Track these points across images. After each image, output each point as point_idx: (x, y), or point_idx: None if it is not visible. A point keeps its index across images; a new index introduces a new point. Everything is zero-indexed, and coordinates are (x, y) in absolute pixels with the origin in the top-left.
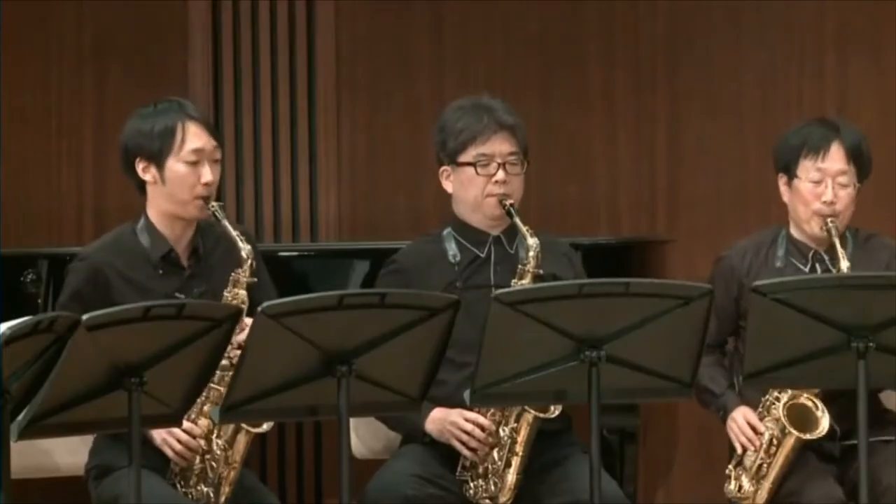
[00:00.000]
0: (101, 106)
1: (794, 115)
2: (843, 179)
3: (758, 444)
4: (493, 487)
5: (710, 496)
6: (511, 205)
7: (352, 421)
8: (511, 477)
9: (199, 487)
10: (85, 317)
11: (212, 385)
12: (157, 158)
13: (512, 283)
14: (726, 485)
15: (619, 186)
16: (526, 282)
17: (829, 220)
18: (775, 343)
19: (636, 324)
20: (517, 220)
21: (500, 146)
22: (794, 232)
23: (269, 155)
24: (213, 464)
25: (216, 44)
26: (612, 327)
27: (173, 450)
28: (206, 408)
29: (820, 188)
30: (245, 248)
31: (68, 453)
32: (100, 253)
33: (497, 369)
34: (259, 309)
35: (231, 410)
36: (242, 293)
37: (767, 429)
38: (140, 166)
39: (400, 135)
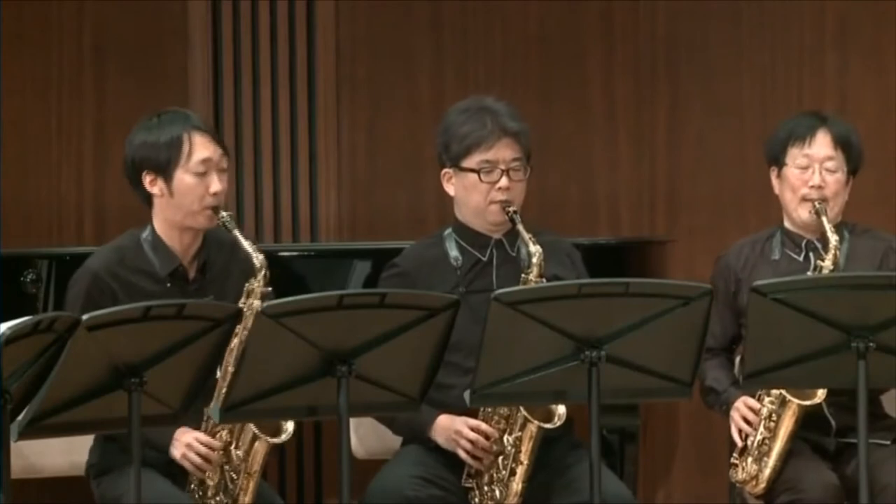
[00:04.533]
0: (101, 106)
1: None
2: (830, 165)
3: (757, 422)
4: (498, 495)
5: (710, 496)
6: (514, 212)
7: (352, 421)
8: (515, 485)
9: (217, 498)
10: (85, 317)
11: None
12: (165, 171)
13: None
14: (731, 472)
15: (619, 186)
16: None
17: (816, 202)
18: (775, 343)
19: (636, 324)
20: (520, 228)
21: (503, 153)
22: (787, 224)
23: (269, 155)
24: (233, 474)
25: (216, 44)
26: (612, 327)
27: (193, 464)
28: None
29: (807, 174)
30: (258, 258)
31: (68, 453)
32: (104, 265)
33: (497, 369)
34: (259, 309)
35: (231, 410)
36: (257, 303)
37: (765, 406)
38: (147, 179)
39: (400, 134)
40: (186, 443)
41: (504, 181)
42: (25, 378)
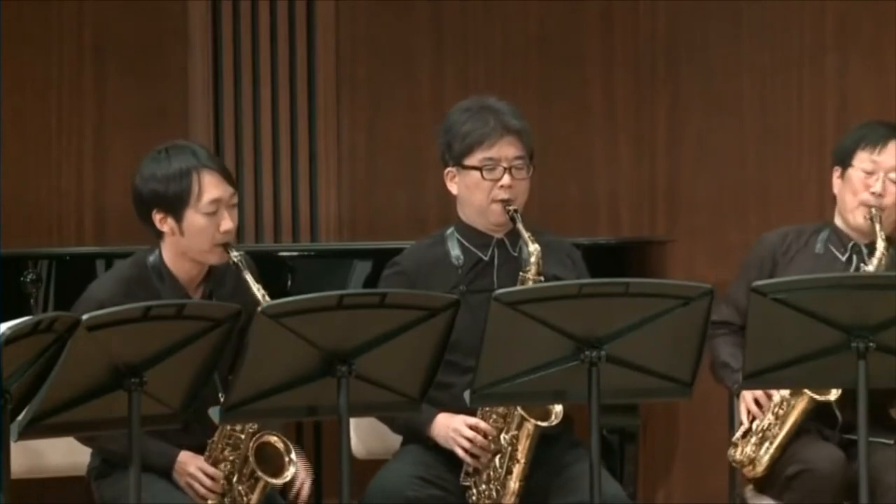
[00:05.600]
0: (101, 106)
1: (794, 115)
2: (895, 176)
3: (767, 406)
4: (495, 494)
5: (710, 496)
6: (515, 210)
7: (352, 421)
8: (513, 484)
9: None
10: (85, 317)
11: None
12: (175, 211)
13: None
14: (729, 450)
15: (619, 186)
16: None
17: (873, 209)
18: (775, 343)
19: (636, 324)
20: (520, 227)
21: (506, 150)
22: (838, 222)
23: (269, 155)
24: None
25: (216, 44)
26: (612, 327)
27: (197, 493)
28: (225, 452)
29: (871, 179)
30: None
31: (68, 453)
32: (109, 296)
33: (497, 369)
34: (259, 309)
35: (232, 410)
36: None
37: (778, 392)
38: (157, 217)
39: (400, 134)
40: (189, 472)
41: (507, 179)
42: (25, 378)
